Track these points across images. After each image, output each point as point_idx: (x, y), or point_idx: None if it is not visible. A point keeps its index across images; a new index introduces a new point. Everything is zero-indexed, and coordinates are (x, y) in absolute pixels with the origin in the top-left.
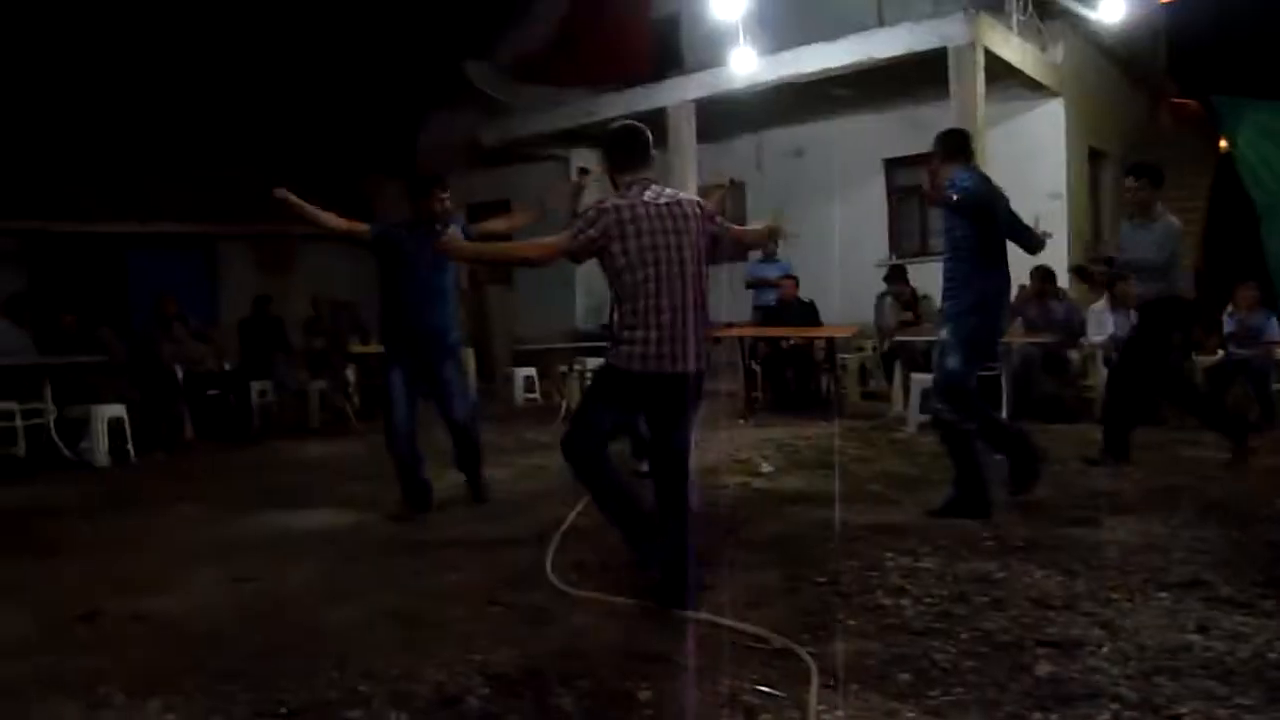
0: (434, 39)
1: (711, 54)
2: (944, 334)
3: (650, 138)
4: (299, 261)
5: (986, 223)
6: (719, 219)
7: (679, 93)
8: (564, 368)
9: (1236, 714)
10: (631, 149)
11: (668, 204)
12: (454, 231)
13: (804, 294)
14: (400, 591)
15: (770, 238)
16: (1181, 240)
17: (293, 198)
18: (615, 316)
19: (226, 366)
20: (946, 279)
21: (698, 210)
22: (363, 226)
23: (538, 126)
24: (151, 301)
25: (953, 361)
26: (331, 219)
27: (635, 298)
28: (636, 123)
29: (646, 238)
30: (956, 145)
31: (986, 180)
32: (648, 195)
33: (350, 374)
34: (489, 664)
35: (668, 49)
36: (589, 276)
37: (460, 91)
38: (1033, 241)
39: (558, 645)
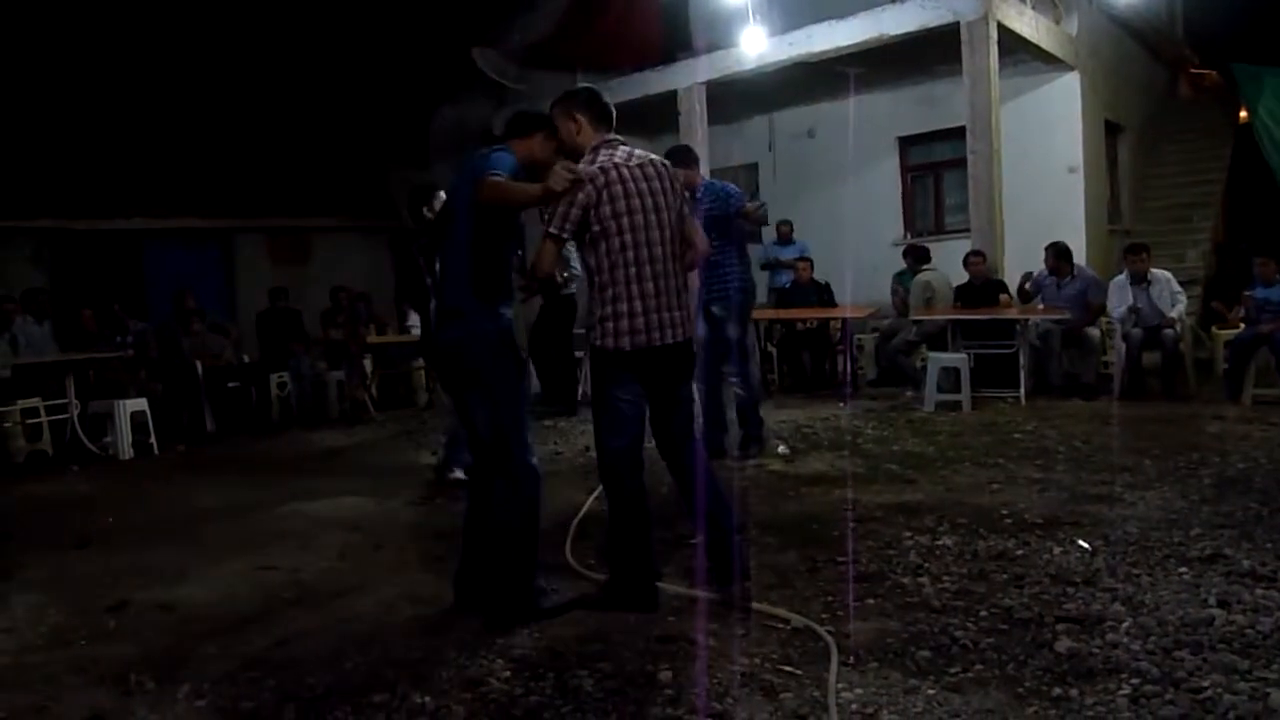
0: (443, 27)
1: (721, 34)
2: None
3: None
4: (314, 253)
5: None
6: (685, 195)
7: (689, 75)
8: (580, 353)
9: (1258, 687)
10: (606, 106)
11: (640, 164)
12: None
13: (818, 275)
14: (422, 577)
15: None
16: None
17: None
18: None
19: (245, 359)
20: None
21: (669, 171)
22: None
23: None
24: (169, 297)
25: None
26: None
27: (615, 267)
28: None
29: (621, 202)
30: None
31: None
32: (619, 155)
33: (368, 364)
34: (510, 647)
35: (677, 30)
36: None
37: (471, 79)
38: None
39: (578, 628)
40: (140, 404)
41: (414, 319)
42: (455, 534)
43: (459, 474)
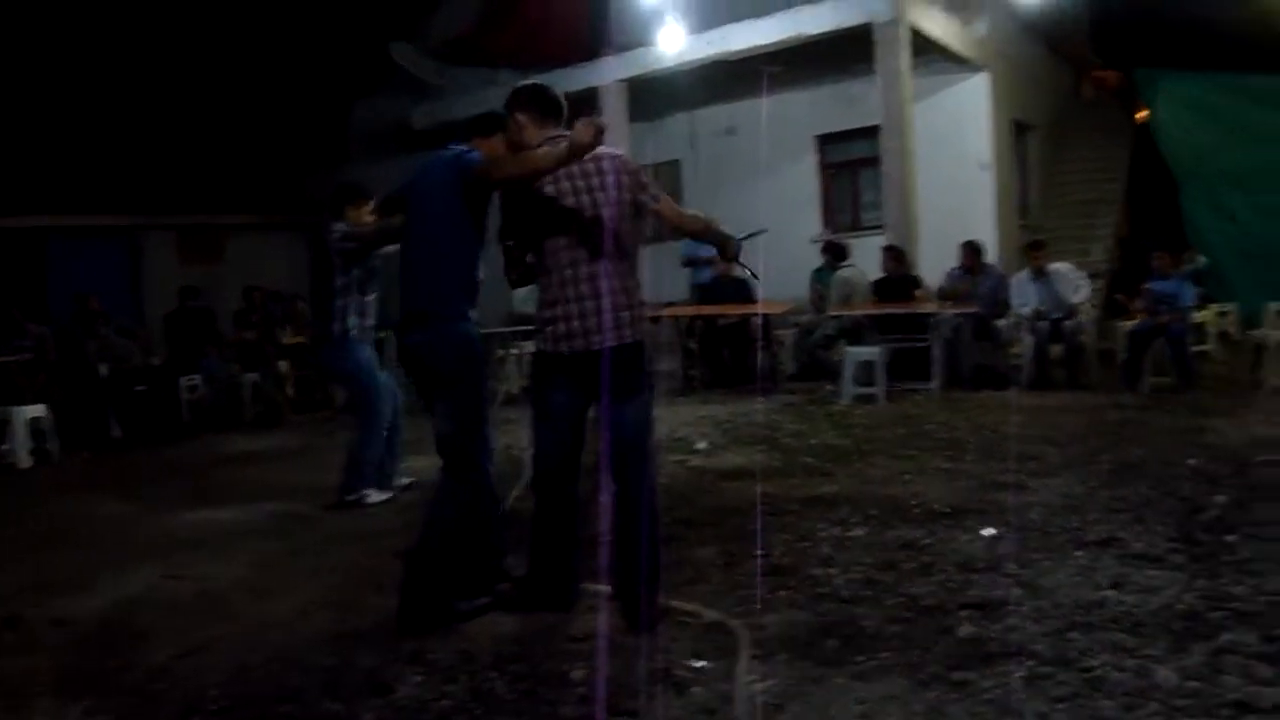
0: (362, 22)
1: (642, 32)
2: None
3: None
4: (229, 252)
5: None
6: (650, 188)
7: (610, 72)
8: (500, 352)
9: (1143, 664)
10: (551, 101)
11: (583, 161)
12: None
13: (739, 271)
14: (338, 582)
15: (725, 252)
16: None
17: None
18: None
19: (154, 361)
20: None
21: (620, 167)
22: None
23: (468, 109)
24: (72, 297)
25: None
26: None
27: (551, 270)
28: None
29: (562, 199)
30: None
31: None
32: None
33: (284, 365)
34: (424, 651)
35: (598, 28)
36: None
37: (390, 75)
38: None
39: (494, 629)
40: (39, 410)
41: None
42: (374, 537)
43: (374, 496)
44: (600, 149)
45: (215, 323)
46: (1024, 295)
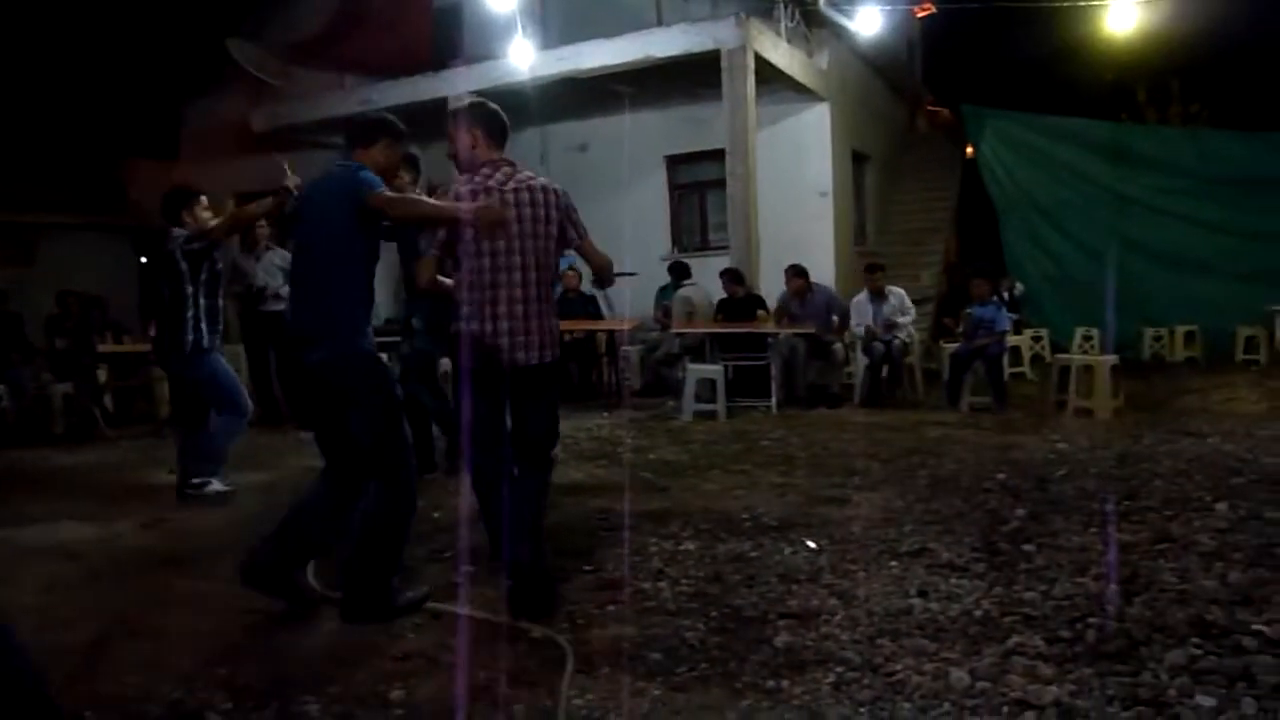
0: (196, 16)
1: (493, 45)
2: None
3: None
4: (41, 253)
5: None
6: (579, 224)
7: (460, 83)
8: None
9: (942, 666)
10: (504, 126)
11: (516, 189)
12: None
13: (585, 288)
14: (145, 606)
15: (601, 275)
16: None
17: None
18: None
19: None
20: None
21: (554, 198)
22: None
23: (311, 113)
24: None
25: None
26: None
27: (473, 287)
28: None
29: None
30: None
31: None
32: (498, 178)
33: (102, 375)
34: (235, 676)
35: (449, 38)
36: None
37: (228, 72)
38: None
39: (312, 651)
40: None
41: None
42: (188, 558)
43: (216, 485)
44: (537, 179)
45: (23, 329)
46: (862, 315)
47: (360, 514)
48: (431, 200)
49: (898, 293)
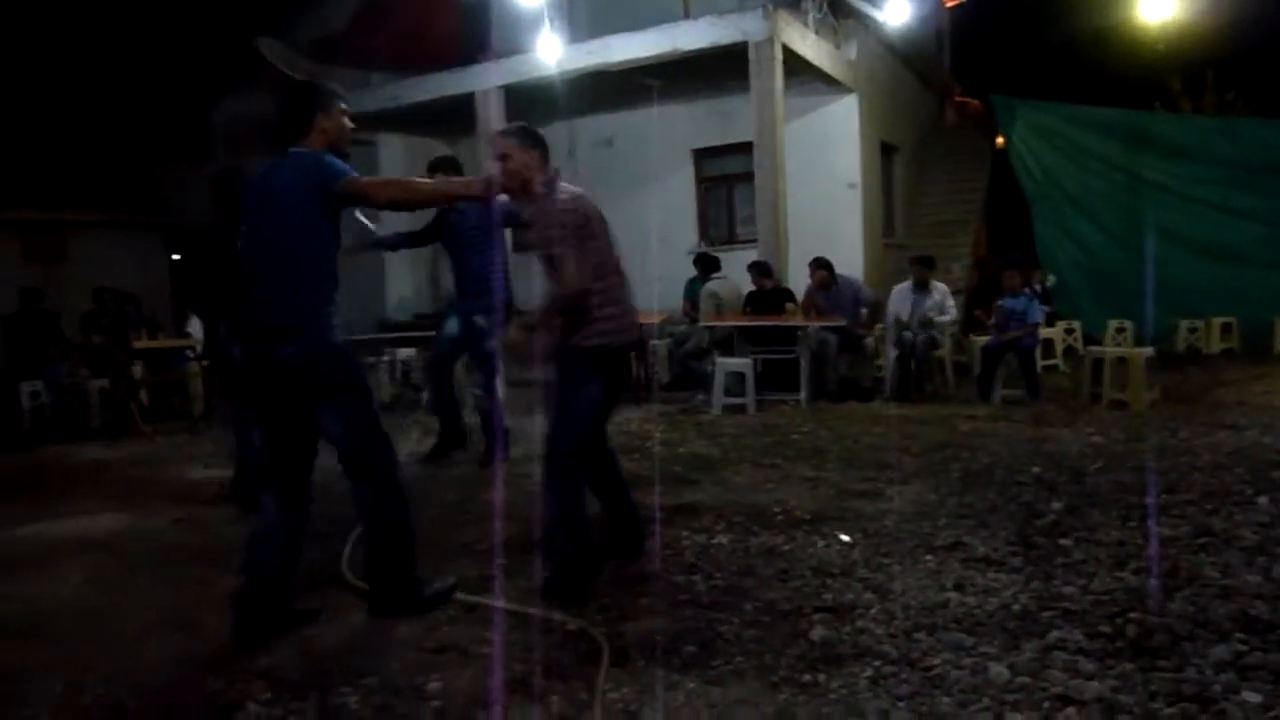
0: (227, 14)
1: (521, 39)
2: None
3: None
4: (74, 251)
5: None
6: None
7: (487, 78)
8: (372, 359)
9: (980, 661)
10: (548, 148)
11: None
12: None
13: None
14: (183, 599)
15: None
16: None
17: None
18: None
19: None
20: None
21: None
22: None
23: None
24: None
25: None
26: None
27: (603, 274)
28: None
29: (597, 224)
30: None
31: None
32: (573, 193)
33: (138, 371)
34: (273, 668)
35: (476, 33)
36: (399, 264)
37: (258, 72)
38: None
39: (348, 643)
40: None
41: (195, 323)
42: (222, 553)
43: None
44: (575, 190)
45: (60, 326)
46: (900, 304)
47: (361, 524)
48: (425, 181)
49: (941, 289)
